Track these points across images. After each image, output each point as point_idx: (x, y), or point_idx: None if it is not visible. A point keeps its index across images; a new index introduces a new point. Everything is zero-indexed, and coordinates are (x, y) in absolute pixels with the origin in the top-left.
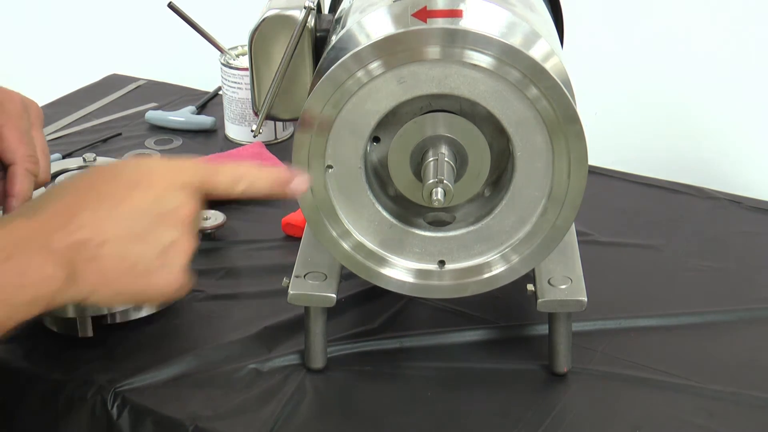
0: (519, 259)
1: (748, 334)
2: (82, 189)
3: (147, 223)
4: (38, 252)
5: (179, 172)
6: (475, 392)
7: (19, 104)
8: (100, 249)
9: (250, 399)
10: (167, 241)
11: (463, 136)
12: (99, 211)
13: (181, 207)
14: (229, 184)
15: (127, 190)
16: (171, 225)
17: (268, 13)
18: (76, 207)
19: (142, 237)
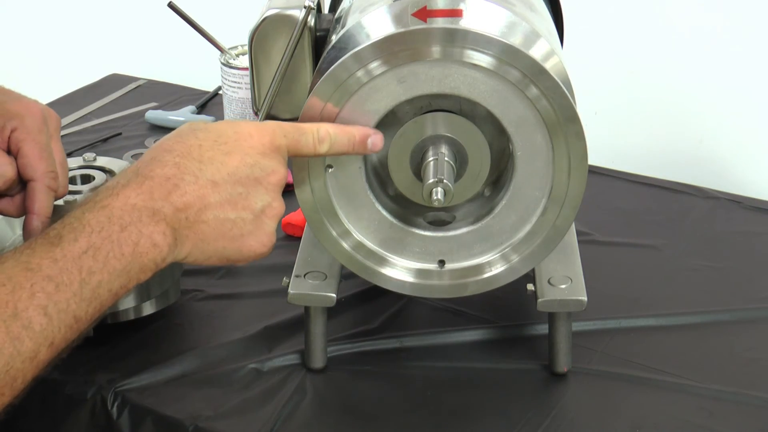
0: (519, 258)
1: (748, 334)
2: (184, 154)
3: (244, 188)
4: (149, 221)
5: (272, 137)
6: (475, 392)
7: (39, 117)
8: (201, 214)
9: (250, 399)
10: (261, 205)
11: (463, 135)
12: (200, 179)
13: (273, 172)
14: (313, 146)
15: (225, 156)
16: (264, 190)
17: (268, 12)
18: (179, 175)
19: (239, 202)
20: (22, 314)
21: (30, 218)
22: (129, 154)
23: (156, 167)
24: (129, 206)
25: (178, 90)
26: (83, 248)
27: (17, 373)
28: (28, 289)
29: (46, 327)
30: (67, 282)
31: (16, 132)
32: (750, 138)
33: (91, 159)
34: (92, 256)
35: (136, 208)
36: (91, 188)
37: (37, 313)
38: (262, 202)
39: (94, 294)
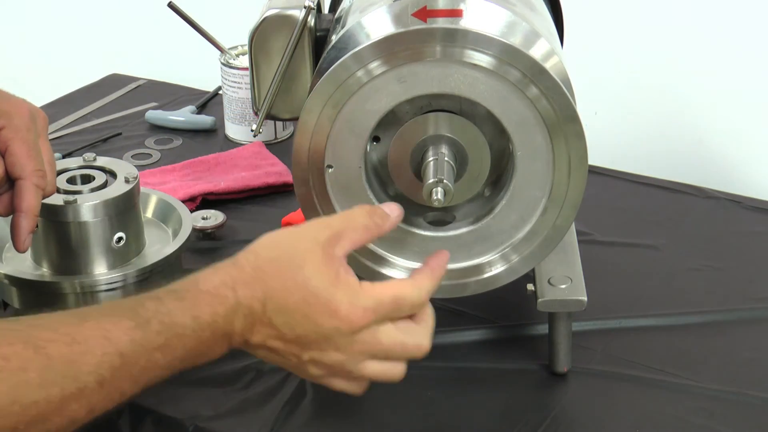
0: (519, 258)
1: (748, 334)
2: (287, 343)
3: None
4: (224, 344)
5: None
6: (475, 392)
7: (26, 115)
8: (256, 351)
9: (250, 399)
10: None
11: (463, 135)
12: (281, 333)
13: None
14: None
15: (325, 318)
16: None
17: (268, 12)
18: (265, 317)
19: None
20: (81, 378)
21: (18, 216)
22: (129, 154)
23: (248, 295)
24: (214, 326)
25: (178, 90)
26: (161, 343)
27: (52, 427)
28: (98, 357)
29: (94, 395)
30: (131, 363)
31: (4, 131)
32: (750, 138)
33: (91, 159)
34: (163, 354)
35: (218, 330)
36: (91, 188)
37: (93, 380)
38: (310, 357)
39: (147, 380)
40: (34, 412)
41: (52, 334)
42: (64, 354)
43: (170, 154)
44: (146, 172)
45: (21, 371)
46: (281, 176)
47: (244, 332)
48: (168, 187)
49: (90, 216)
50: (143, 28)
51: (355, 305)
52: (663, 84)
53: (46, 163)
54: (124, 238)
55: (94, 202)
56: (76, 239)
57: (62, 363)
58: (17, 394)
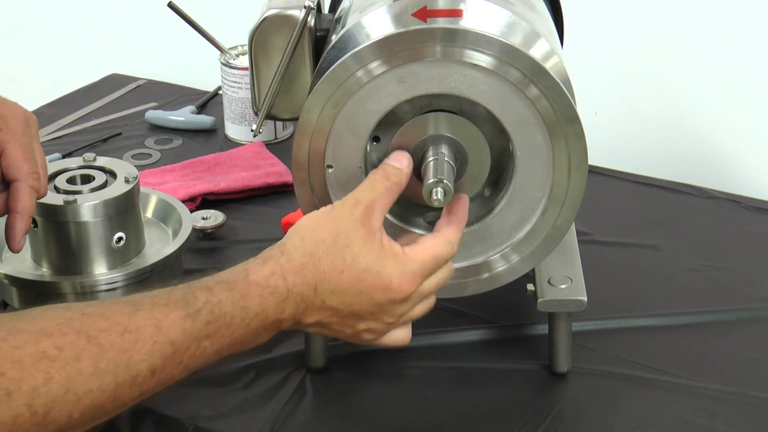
0: (519, 258)
1: (748, 334)
2: (340, 316)
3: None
4: (273, 330)
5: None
6: (475, 392)
7: (21, 118)
8: (308, 328)
9: (250, 399)
10: (364, 327)
11: (464, 136)
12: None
13: (398, 316)
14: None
15: (379, 292)
16: (379, 324)
17: (268, 12)
18: (318, 299)
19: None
20: (133, 366)
21: (13, 217)
22: (129, 154)
23: (299, 281)
24: (263, 315)
25: (178, 90)
26: (210, 332)
27: (105, 413)
28: (150, 345)
29: (146, 382)
30: (182, 351)
31: (1, 133)
32: (750, 138)
33: (91, 159)
34: (212, 342)
35: (268, 319)
36: (91, 188)
37: (146, 369)
38: (366, 326)
39: (195, 366)
40: (88, 401)
41: (104, 323)
42: (116, 343)
43: (170, 154)
44: (146, 172)
45: (74, 361)
46: (281, 176)
47: (296, 316)
48: (168, 187)
49: (90, 216)
50: (143, 28)
51: (405, 273)
52: (663, 84)
53: (39, 166)
54: (124, 238)
55: (94, 202)
56: (76, 239)
57: (115, 352)
58: (71, 384)
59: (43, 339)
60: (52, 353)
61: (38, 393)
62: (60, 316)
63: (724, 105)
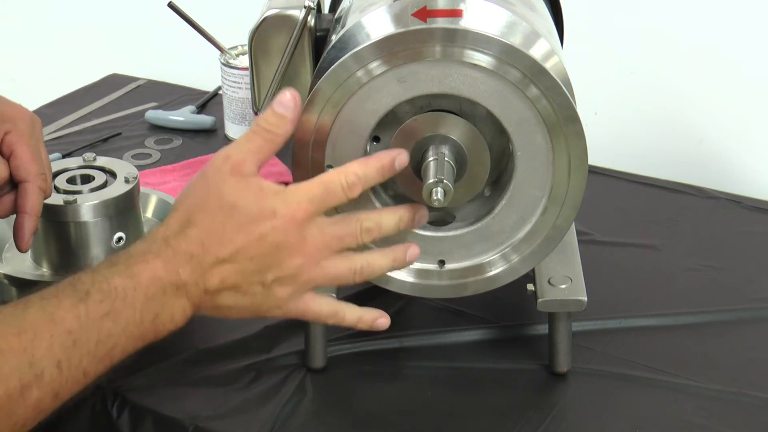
0: (519, 258)
1: (748, 334)
2: (208, 232)
3: (259, 265)
4: (172, 295)
5: (296, 211)
6: (475, 392)
7: (29, 121)
8: (219, 293)
9: (250, 399)
10: (271, 278)
11: (463, 137)
12: (220, 258)
13: (292, 249)
14: (344, 195)
15: (247, 236)
16: (278, 267)
17: (268, 12)
18: (203, 254)
19: (253, 277)
20: (37, 364)
21: (22, 217)
22: (129, 154)
23: (182, 242)
24: (156, 279)
25: (178, 90)
26: (106, 310)
27: (18, 419)
28: (48, 339)
29: (55, 379)
30: (84, 340)
31: (10, 135)
32: (750, 138)
33: (91, 159)
34: (113, 320)
35: (163, 282)
36: (90, 189)
37: (51, 365)
38: (274, 275)
39: (107, 354)
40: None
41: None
42: (14, 345)
43: (170, 154)
44: (146, 172)
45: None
46: (281, 176)
47: (197, 280)
48: (168, 187)
49: (90, 216)
50: (143, 28)
51: (289, 203)
52: (663, 84)
53: (45, 167)
54: (124, 238)
55: (93, 202)
56: (76, 239)
57: (15, 354)
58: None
59: None
60: None
61: None
62: None
63: (724, 105)
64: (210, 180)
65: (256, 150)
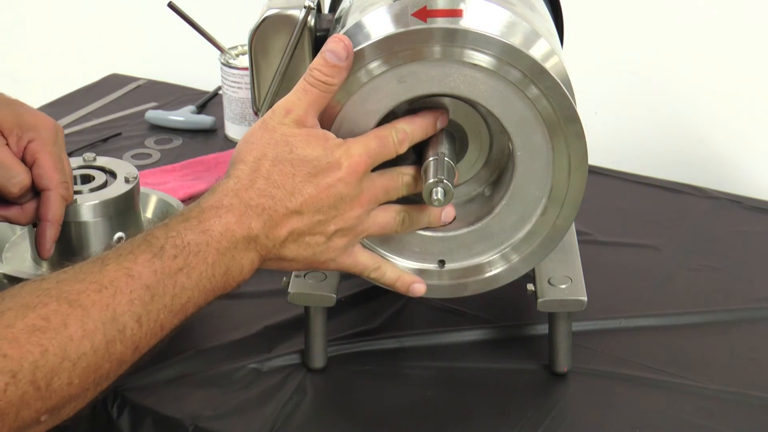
0: (519, 258)
1: (748, 334)
2: (278, 185)
3: (324, 216)
4: (243, 248)
5: (357, 165)
6: (475, 392)
7: (52, 129)
8: (285, 243)
9: (250, 399)
10: (334, 229)
11: (460, 115)
12: (290, 209)
13: (354, 199)
14: (395, 150)
15: (315, 188)
16: (341, 218)
17: (268, 12)
18: (273, 206)
19: (316, 228)
20: (119, 319)
21: (44, 225)
22: (129, 154)
23: (254, 195)
24: (229, 233)
25: (178, 90)
26: (180, 266)
27: (105, 374)
28: (128, 295)
29: (136, 333)
30: (161, 293)
31: (33, 143)
32: (750, 138)
33: (91, 159)
34: (187, 275)
35: (235, 236)
36: (91, 188)
37: (131, 319)
38: (336, 226)
39: (182, 308)
40: (84, 364)
41: (79, 285)
42: (96, 301)
43: (170, 154)
44: (146, 172)
45: (62, 327)
46: None
47: (268, 233)
48: (168, 187)
49: (90, 216)
50: (143, 28)
51: (352, 155)
52: (663, 84)
53: (67, 177)
54: (124, 238)
55: (93, 202)
56: (76, 239)
57: (98, 310)
58: (65, 351)
59: (30, 312)
60: (41, 324)
61: (38, 367)
62: (38, 287)
63: (724, 105)
64: (276, 133)
65: (314, 102)
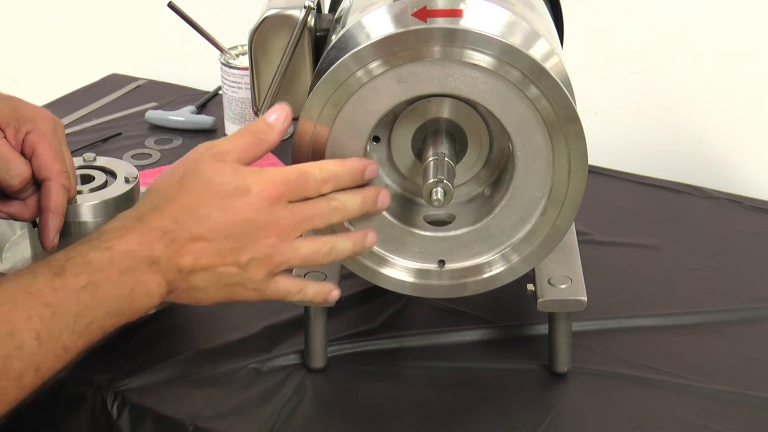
0: (519, 258)
1: (748, 334)
2: (183, 209)
3: (234, 243)
4: (146, 270)
5: (271, 191)
6: (475, 392)
7: (50, 121)
8: (193, 271)
9: (250, 399)
10: (247, 259)
11: (461, 117)
12: (195, 235)
13: (266, 228)
14: (316, 188)
15: (222, 213)
16: (253, 246)
17: (268, 12)
18: (177, 230)
19: (227, 256)
20: (16, 334)
21: (47, 216)
22: (129, 154)
23: (156, 218)
24: (130, 252)
25: (178, 90)
26: (83, 283)
27: (2, 391)
28: (26, 311)
29: (36, 351)
30: (63, 312)
31: (31, 134)
32: (750, 138)
33: (91, 159)
34: (90, 293)
35: (137, 256)
36: (91, 188)
37: (30, 336)
38: (249, 255)
39: (86, 328)
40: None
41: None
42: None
43: (170, 154)
44: (146, 172)
45: None
46: None
47: (171, 256)
48: None
49: (90, 216)
50: (143, 28)
51: (264, 180)
52: (663, 84)
53: (68, 167)
54: None
55: (94, 202)
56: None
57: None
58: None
59: None
60: None
61: None
62: None
63: (724, 105)
64: (189, 163)
65: (241, 146)
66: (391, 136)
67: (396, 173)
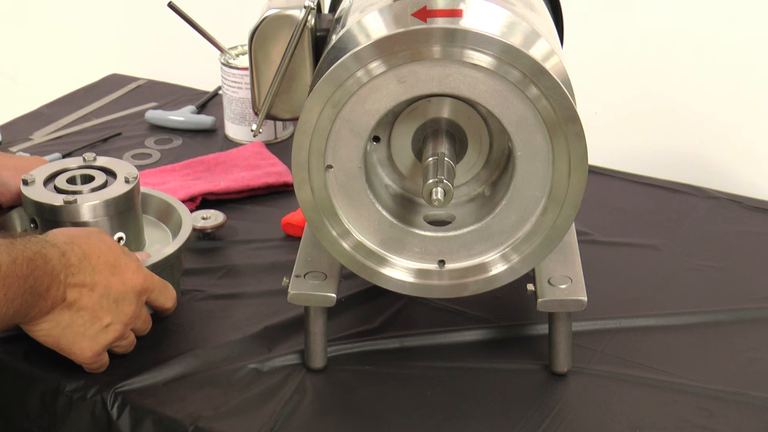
0: (519, 258)
1: (748, 334)
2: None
3: (107, 302)
4: (49, 278)
5: (143, 283)
6: (475, 392)
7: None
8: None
9: (250, 399)
10: (107, 322)
11: (461, 117)
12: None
13: (129, 305)
14: (164, 302)
15: (110, 276)
16: (115, 314)
17: (268, 12)
18: (89, 290)
19: (97, 311)
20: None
21: None
22: (129, 154)
23: (77, 278)
24: (36, 258)
25: (178, 90)
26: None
27: None
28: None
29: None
30: None
31: None
32: (750, 138)
33: (91, 159)
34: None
35: (44, 266)
36: (91, 188)
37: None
38: (108, 321)
39: None
40: None
41: None
42: None
43: (170, 154)
44: (146, 172)
45: None
46: (281, 176)
47: (66, 275)
48: (168, 187)
49: (90, 216)
50: (143, 28)
51: (142, 270)
52: (663, 84)
53: None
54: (124, 238)
55: (94, 202)
56: None
57: None
58: None
59: None
60: None
61: None
62: None
63: (724, 105)
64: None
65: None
66: (391, 136)
67: (396, 173)
